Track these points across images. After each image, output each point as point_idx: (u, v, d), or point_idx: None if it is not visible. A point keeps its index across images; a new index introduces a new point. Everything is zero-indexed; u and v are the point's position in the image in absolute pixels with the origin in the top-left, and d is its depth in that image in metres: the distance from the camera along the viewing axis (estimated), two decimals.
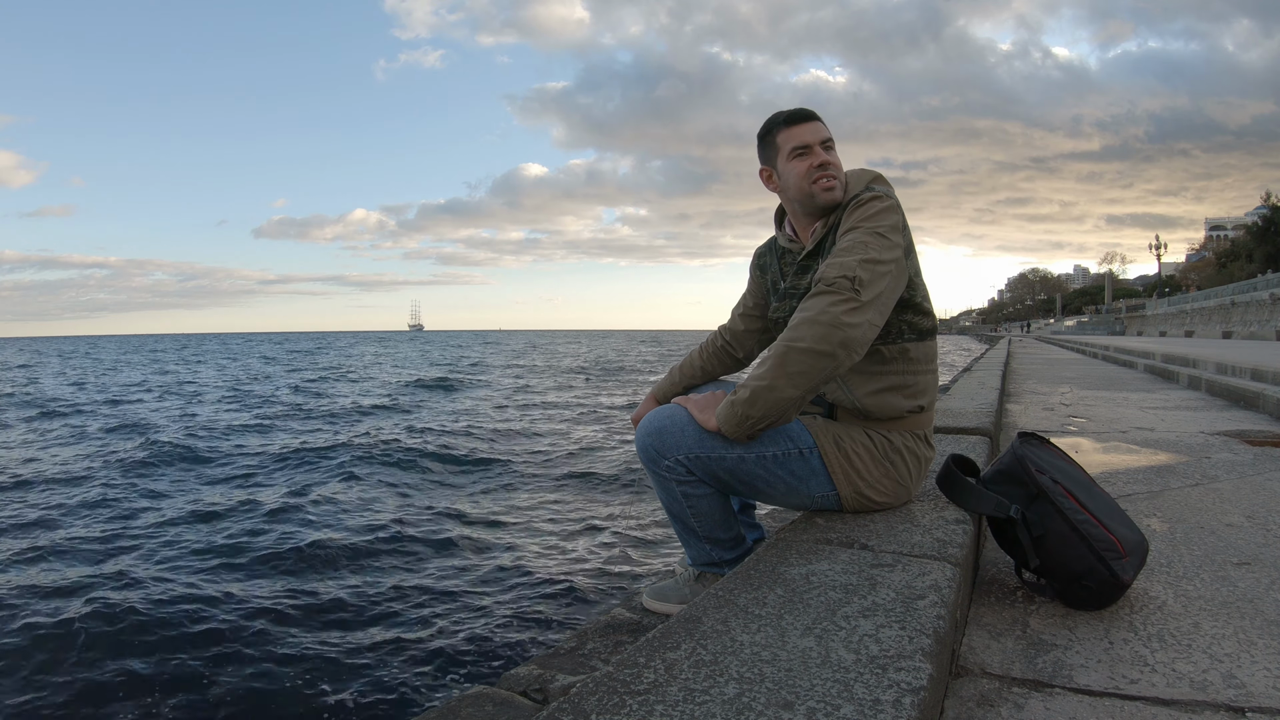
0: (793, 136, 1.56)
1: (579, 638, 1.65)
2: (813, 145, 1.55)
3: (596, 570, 4.24)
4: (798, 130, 1.56)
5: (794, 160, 1.56)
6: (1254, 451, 3.03)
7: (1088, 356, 13.48)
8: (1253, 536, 1.81)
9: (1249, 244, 40.68)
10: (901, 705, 0.80)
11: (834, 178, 1.54)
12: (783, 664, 0.90)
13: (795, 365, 1.33)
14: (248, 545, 4.84)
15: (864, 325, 1.34)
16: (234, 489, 6.68)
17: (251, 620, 3.61)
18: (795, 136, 1.56)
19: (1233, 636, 1.24)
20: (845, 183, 1.55)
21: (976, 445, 2.40)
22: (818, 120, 1.58)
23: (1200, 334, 27.47)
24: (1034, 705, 1.04)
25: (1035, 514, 1.35)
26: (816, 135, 1.55)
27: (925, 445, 1.59)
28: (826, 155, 1.55)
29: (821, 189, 1.54)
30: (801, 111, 1.59)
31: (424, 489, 6.65)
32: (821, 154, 1.54)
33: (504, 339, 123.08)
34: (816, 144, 1.55)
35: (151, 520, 5.53)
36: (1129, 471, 2.64)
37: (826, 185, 1.53)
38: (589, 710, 0.81)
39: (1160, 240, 43.77)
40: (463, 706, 1.34)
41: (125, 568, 4.37)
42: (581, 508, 5.82)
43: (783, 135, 1.57)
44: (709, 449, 1.47)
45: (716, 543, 1.62)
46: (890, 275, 1.40)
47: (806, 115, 1.58)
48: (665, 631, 1.01)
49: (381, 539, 4.92)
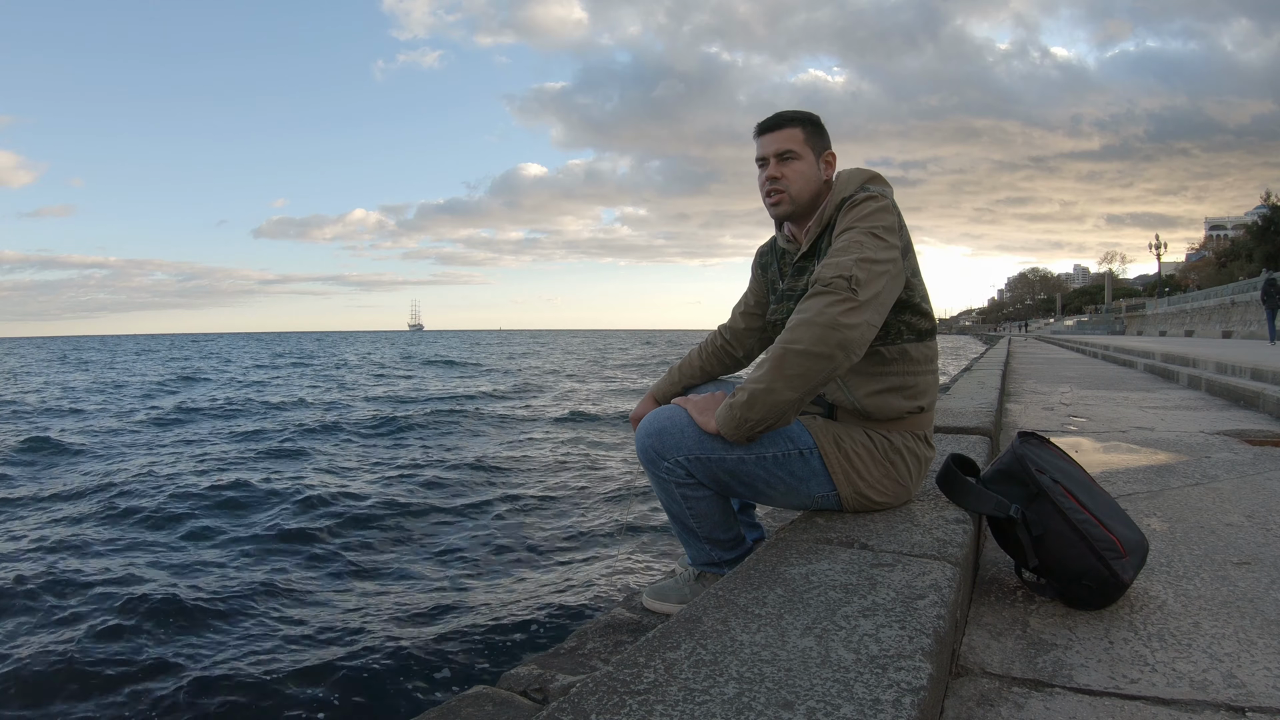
0: (758, 147, 1.62)
1: (579, 638, 1.65)
2: (769, 158, 1.58)
3: (597, 570, 4.24)
4: (760, 141, 1.61)
5: (759, 170, 1.62)
6: (1254, 451, 3.03)
7: (1088, 356, 13.48)
8: (1253, 536, 1.81)
9: (1249, 243, 40.67)
10: (901, 705, 0.80)
11: (780, 192, 1.58)
12: (783, 664, 0.90)
13: (793, 368, 1.33)
14: (246, 541, 4.84)
15: (862, 326, 1.34)
16: (237, 484, 6.67)
17: (251, 620, 3.61)
18: (759, 147, 1.61)
19: (1233, 636, 1.24)
20: (794, 194, 1.57)
21: (976, 445, 2.40)
22: (782, 129, 1.59)
23: (1200, 333, 27.46)
24: (1034, 705, 1.04)
25: (1035, 513, 1.35)
26: (769, 148, 1.59)
27: (925, 445, 1.59)
28: (777, 168, 1.57)
29: (769, 204, 1.61)
30: (764, 121, 1.62)
31: (423, 489, 6.65)
32: (772, 168, 1.58)
33: (505, 338, 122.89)
34: (772, 155, 1.58)
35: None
36: (1129, 471, 2.64)
37: (772, 201, 1.60)
38: (589, 710, 0.81)
39: (1160, 240, 43.73)
40: (463, 706, 1.34)
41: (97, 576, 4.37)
42: (581, 507, 5.82)
43: (756, 144, 1.63)
44: (709, 450, 1.47)
45: (716, 543, 1.62)
46: (887, 275, 1.40)
47: (767, 125, 1.61)
48: (665, 631, 1.01)
49: (381, 539, 4.92)
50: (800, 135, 1.57)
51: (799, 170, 1.57)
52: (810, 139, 1.58)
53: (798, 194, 1.57)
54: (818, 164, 1.59)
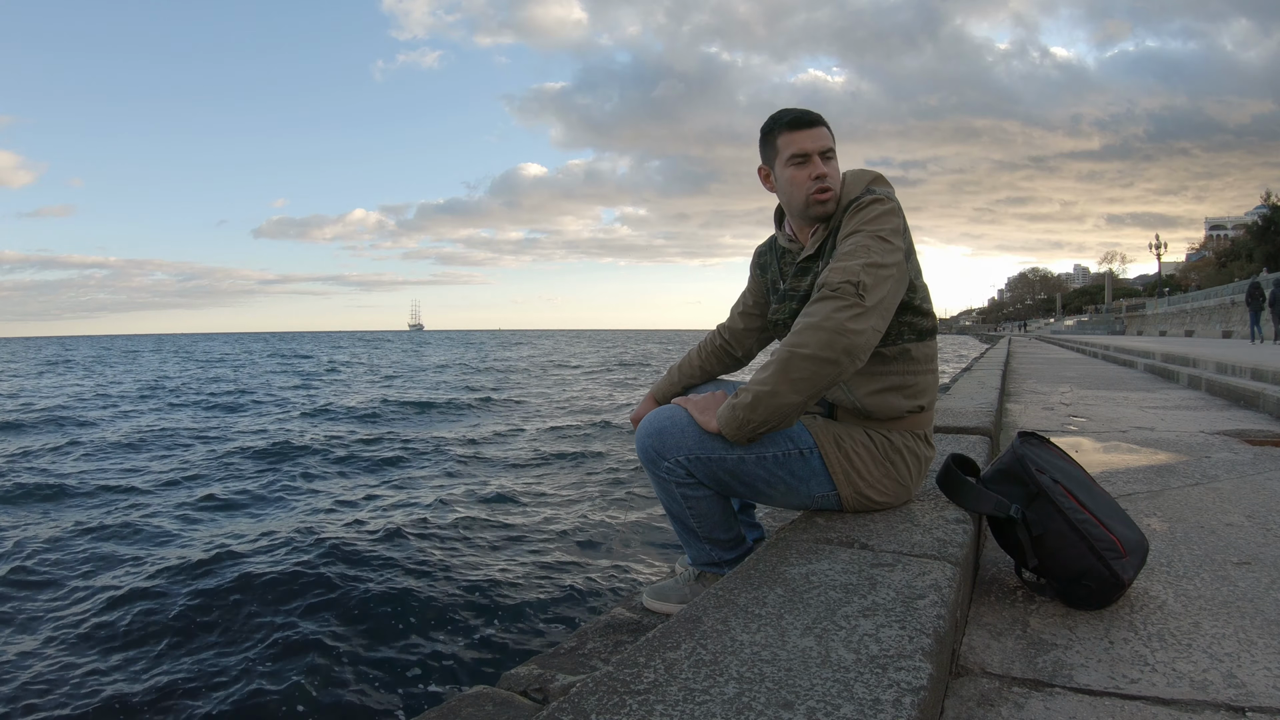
0: (793, 142, 1.51)
1: (579, 637, 1.65)
2: (812, 154, 1.51)
3: (597, 570, 4.24)
4: (798, 136, 1.51)
5: (791, 167, 1.52)
6: (1254, 451, 3.03)
7: (1088, 356, 13.47)
8: (1253, 536, 1.81)
9: (1249, 243, 40.66)
10: (901, 705, 0.80)
11: (828, 190, 1.50)
12: (783, 664, 0.90)
13: (799, 371, 1.33)
14: (244, 541, 4.84)
15: (868, 331, 1.34)
16: (242, 478, 6.68)
17: (250, 621, 3.61)
18: (795, 143, 1.51)
19: (1233, 636, 1.24)
20: (839, 194, 1.52)
21: (976, 445, 2.40)
22: (821, 126, 1.52)
23: (1200, 333, 27.46)
24: (1034, 705, 1.04)
25: (1035, 513, 1.35)
26: (817, 143, 1.51)
27: (925, 445, 1.59)
28: (825, 166, 1.50)
29: (816, 202, 1.51)
30: (805, 116, 1.52)
31: (422, 488, 6.65)
32: (820, 165, 1.50)
33: (505, 339, 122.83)
34: (816, 153, 1.51)
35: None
36: (1129, 471, 2.64)
37: (820, 199, 1.51)
38: (589, 710, 0.81)
39: (1160, 240, 43.69)
40: (463, 706, 1.33)
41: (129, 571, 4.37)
42: (581, 507, 5.82)
43: (784, 139, 1.53)
44: (709, 450, 1.47)
45: (716, 543, 1.62)
46: (893, 279, 1.39)
47: (809, 120, 1.52)
48: (665, 631, 1.01)
49: (381, 539, 4.92)
50: (830, 135, 1.54)
51: (837, 169, 1.54)
52: (833, 139, 1.56)
53: (841, 195, 1.52)
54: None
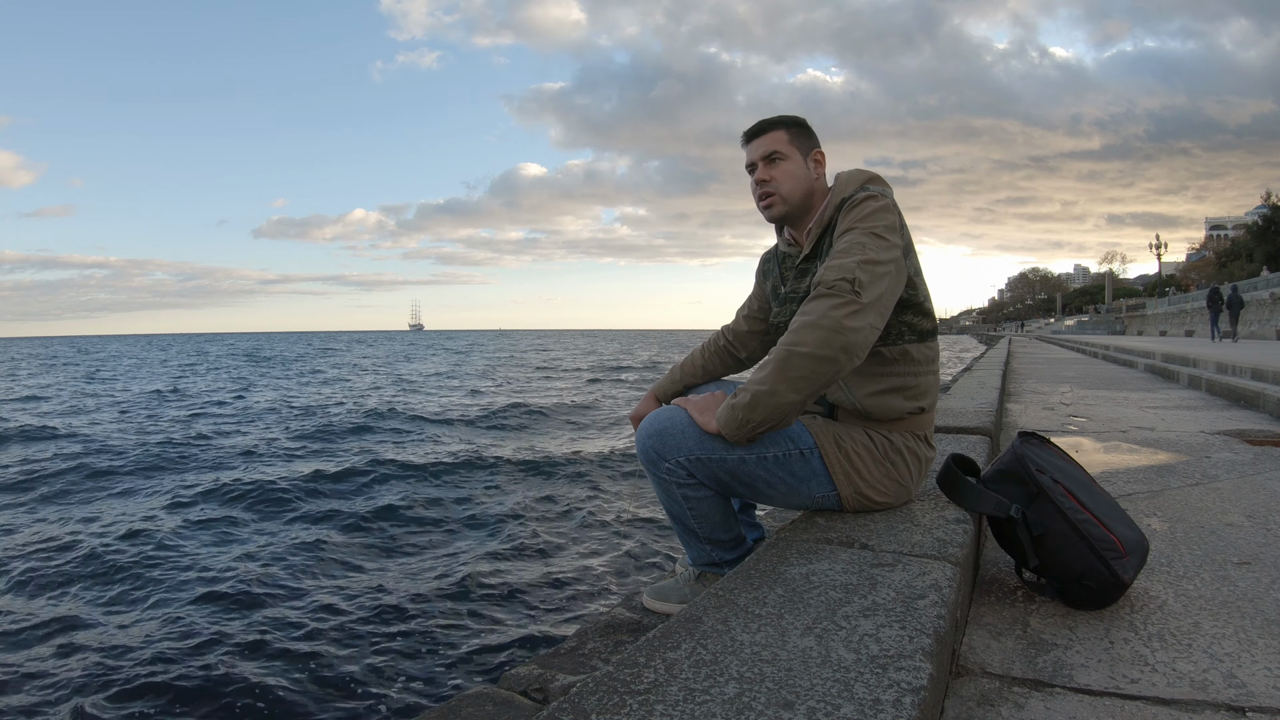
0: (745, 155, 1.63)
1: (579, 637, 1.65)
2: (755, 162, 1.60)
3: (596, 570, 4.24)
4: (747, 150, 1.63)
5: (750, 179, 1.63)
6: (1254, 451, 3.02)
7: (1088, 356, 13.47)
8: (1253, 536, 1.81)
9: (1249, 243, 40.68)
10: (902, 705, 0.80)
11: (768, 195, 1.59)
12: (783, 664, 0.90)
13: (796, 370, 1.33)
14: (249, 540, 4.84)
15: (865, 329, 1.34)
16: (243, 477, 6.68)
17: (249, 621, 3.61)
18: (746, 156, 1.63)
19: (1233, 636, 1.24)
20: (785, 194, 1.58)
21: (976, 445, 2.40)
22: (765, 134, 1.60)
23: (1200, 334, 27.42)
24: (1034, 705, 1.04)
25: (1035, 513, 1.35)
26: (758, 152, 1.60)
27: (926, 445, 1.59)
28: (765, 170, 1.59)
29: (762, 207, 1.62)
30: (751, 128, 1.62)
31: (421, 488, 6.65)
32: (761, 171, 1.59)
33: (506, 340, 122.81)
34: (759, 160, 1.59)
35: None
36: (1129, 471, 2.64)
37: (765, 204, 1.61)
38: (589, 710, 0.81)
39: (1160, 240, 43.66)
40: (463, 706, 1.34)
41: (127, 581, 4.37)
42: (581, 507, 5.82)
43: (744, 154, 1.65)
44: (709, 451, 1.47)
45: (717, 543, 1.62)
46: (890, 276, 1.39)
47: (753, 132, 1.62)
48: (665, 631, 1.01)
49: (380, 538, 4.92)
50: (784, 137, 1.59)
51: (787, 170, 1.58)
52: (795, 139, 1.59)
53: (789, 194, 1.58)
54: (806, 163, 1.60)
